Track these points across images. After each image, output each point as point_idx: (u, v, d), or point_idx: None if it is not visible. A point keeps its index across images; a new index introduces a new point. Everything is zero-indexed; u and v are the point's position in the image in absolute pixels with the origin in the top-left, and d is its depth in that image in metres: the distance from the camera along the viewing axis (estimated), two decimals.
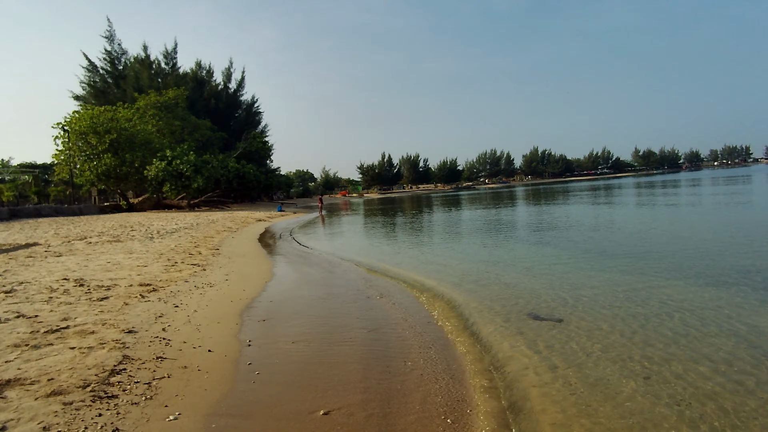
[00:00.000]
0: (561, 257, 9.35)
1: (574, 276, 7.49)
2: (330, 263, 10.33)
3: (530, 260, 9.26)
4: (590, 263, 8.49)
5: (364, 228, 22.09)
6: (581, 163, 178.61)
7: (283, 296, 6.95)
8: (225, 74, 73.82)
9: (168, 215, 31.89)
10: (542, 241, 12.25)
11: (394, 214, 31.55)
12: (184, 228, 19.03)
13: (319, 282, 7.99)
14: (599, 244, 10.94)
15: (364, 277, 8.28)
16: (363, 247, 14.03)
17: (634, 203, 24.92)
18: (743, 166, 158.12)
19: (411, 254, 11.40)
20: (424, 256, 10.63)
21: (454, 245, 12.77)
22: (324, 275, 8.76)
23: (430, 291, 7.06)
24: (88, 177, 41.15)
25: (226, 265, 9.61)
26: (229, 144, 64.08)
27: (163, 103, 52.83)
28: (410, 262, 10.20)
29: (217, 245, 13.49)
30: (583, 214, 19.92)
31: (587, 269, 7.97)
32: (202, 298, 6.45)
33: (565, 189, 57.44)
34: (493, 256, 10.28)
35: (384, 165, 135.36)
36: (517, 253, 10.35)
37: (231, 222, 25.20)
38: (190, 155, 43.21)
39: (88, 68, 61.86)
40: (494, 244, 12.38)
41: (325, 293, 7.05)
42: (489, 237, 14.24)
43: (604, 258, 8.98)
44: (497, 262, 9.27)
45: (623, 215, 18.51)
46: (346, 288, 7.41)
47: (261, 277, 8.50)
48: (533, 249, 10.85)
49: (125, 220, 25.35)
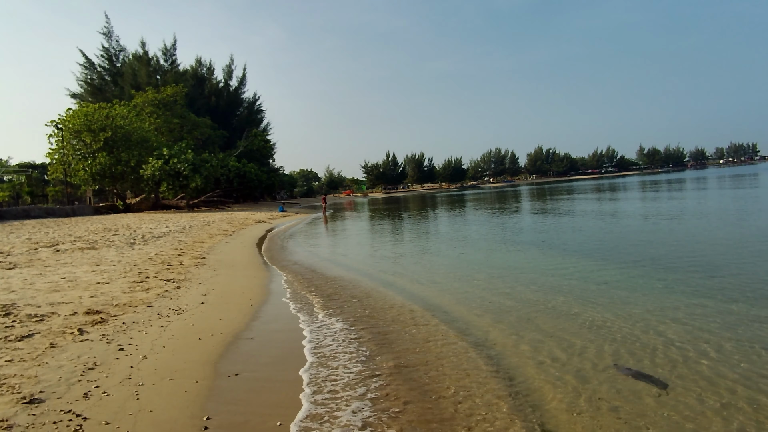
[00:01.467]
0: (627, 275, 7.68)
1: (657, 304, 5.83)
2: (341, 282, 8.72)
3: (584, 276, 7.62)
4: (673, 286, 6.82)
5: (370, 232, 20.48)
6: (586, 161, 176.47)
7: (274, 329, 5.35)
8: (226, 71, 72.41)
9: (163, 216, 30.38)
10: (592, 253, 10.55)
11: (401, 216, 29.90)
12: (175, 231, 17.47)
13: (330, 306, 6.38)
14: (671, 259, 9.22)
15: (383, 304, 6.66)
16: (370, 257, 12.39)
17: (666, 206, 23.21)
18: (750, 164, 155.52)
19: (427, 267, 9.77)
20: (447, 271, 8.98)
21: (479, 256, 11.11)
22: (333, 293, 7.14)
23: (471, 329, 5.41)
24: (82, 176, 39.69)
25: (208, 280, 8.01)
26: (231, 143, 62.59)
27: (161, 101, 51.37)
28: (426, 278, 8.57)
29: (205, 252, 11.91)
30: (617, 218, 18.26)
31: (668, 294, 6.31)
32: (162, 333, 4.84)
33: (574, 188, 55.68)
34: (532, 270, 8.63)
35: (388, 164, 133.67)
36: (562, 268, 8.68)
37: (228, 224, 23.64)
38: (188, 154, 41.68)
39: (86, 65, 60.56)
40: (528, 254, 10.72)
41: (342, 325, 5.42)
42: (517, 244, 12.58)
43: (688, 275, 7.29)
44: (537, 279, 7.62)
45: (671, 222, 16.81)
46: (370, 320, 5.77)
47: (248, 297, 6.89)
48: (583, 263, 9.18)
49: (115, 222, 23.83)
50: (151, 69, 62.35)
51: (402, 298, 6.71)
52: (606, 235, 12.66)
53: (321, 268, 10.11)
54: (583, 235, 13.14)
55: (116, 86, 61.28)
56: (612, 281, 7.09)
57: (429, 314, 5.75)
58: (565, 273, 7.96)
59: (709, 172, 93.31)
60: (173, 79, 59.62)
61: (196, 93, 65.61)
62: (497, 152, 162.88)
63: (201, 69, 70.72)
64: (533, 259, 9.85)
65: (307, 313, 6.01)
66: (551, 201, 32.41)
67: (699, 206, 19.74)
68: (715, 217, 15.03)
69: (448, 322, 5.38)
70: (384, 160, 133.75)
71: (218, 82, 72.21)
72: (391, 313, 5.90)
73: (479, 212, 26.22)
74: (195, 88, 66.11)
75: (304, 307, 6.39)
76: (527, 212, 23.64)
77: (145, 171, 40.11)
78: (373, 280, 8.33)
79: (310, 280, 8.49)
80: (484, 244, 12.79)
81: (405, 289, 7.45)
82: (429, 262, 10.25)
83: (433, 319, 5.56)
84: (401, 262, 10.48)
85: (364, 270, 9.67)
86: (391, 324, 5.37)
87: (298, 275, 9.12)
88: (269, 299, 6.92)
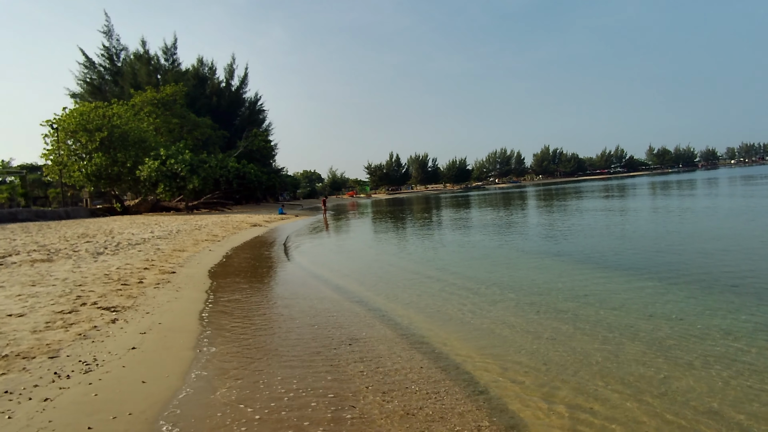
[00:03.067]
0: (700, 305, 5.98)
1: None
2: (333, 307, 7.07)
3: (643, 304, 5.92)
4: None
5: (375, 238, 18.83)
6: (594, 161, 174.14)
7: (230, 399, 3.70)
8: (227, 71, 71.11)
9: (156, 219, 28.90)
10: (638, 268, 8.86)
11: (407, 219, 28.23)
12: (158, 237, 15.92)
13: (312, 349, 4.73)
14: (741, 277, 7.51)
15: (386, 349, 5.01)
16: (377, 275, 10.70)
17: (692, 209, 21.37)
18: (762, 164, 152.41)
19: (447, 290, 8.10)
20: (468, 301, 7.25)
21: (500, 272, 9.43)
22: (320, 329, 5.50)
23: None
24: (77, 178, 38.38)
25: (161, 306, 6.39)
26: (232, 143, 61.19)
27: (161, 100, 50.08)
28: (446, 309, 6.91)
29: (179, 264, 10.31)
30: (650, 223, 16.50)
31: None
32: (39, 417, 3.19)
33: (584, 189, 53.75)
34: (571, 296, 6.94)
35: (392, 165, 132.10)
36: (609, 291, 6.98)
37: (220, 228, 22.10)
38: (186, 154, 40.29)
39: (85, 65, 59.42)
40: (559, 270, 9.03)
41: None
42: (542, 256, 10.87)
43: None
44: (583, 312, 5.94)
45: (714, 226, 15.04)
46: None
47: (199, 333, 5.26)
48: (635, 283, 7.48)
49: (101, 226, 22.35)
50: (152, 68, 61.13)
51: (409, 352, 5.04)
52: (647, 245, 10.93)
53: (308, 288, 8.47)
54: (619, 242, 11.41)
55: (116, 86, 60.15)
56: (688, 313, 5.40)
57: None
58: (619, 301, 6.27)
59: (720, 172, 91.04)
60: (174, 78, 58.35)
61: (198, 93, 64.34)
62: (503, 152, 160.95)
63: (203, 69, 69.48)
64: (567, 277, 8.16)
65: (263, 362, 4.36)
66: (563, 203, 30.59)
67: (735, 210, 17.92)
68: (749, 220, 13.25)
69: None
70: (387, 160, 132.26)
71: (220, 81, 70.98)
72: (406, 387, 4.23)
73: (488, 216, 24.49)
74: (196, 88, 64.85)
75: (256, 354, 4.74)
76: (541, 215, 21.89)
77: (142, 172, 38.74)
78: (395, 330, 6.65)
79: (294, 300, 6.84)
80: (501, 254, 11.10)
81: (411, 332, 5.75)
82: (444, 287, 8.57)
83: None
84: (408, 283, 8.83)
85: (371, 297, 8.01)
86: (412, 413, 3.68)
87: (282, 292, 7.47)
88: (220, 339, 5.28)
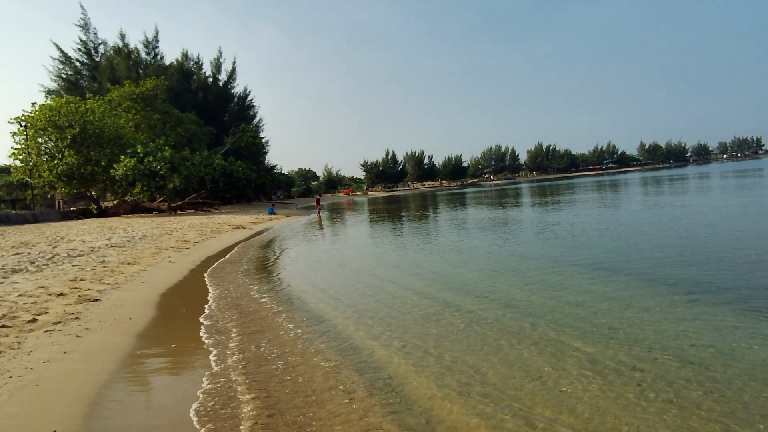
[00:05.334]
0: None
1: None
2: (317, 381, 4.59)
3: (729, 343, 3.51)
4: None
5: (373, 243, 16.37)
6: (586, 157, 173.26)
7: None
8: (214, 65, 67.98)
9: (129, 222, 26.18)
10: (691, 286, 6.48)
11: (405, 219, 25.77)
12: (112, 245, 13.31)
13: None
14: None
15: None
16: (377, 300, 8.17)
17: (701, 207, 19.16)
18: (755, 159, 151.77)
19: (478, 330, 5.67)
20: (526, 357, 4.86)
21: (521, 295, 7.03)
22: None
23: None
24: (47, 178, 35.46)
25: (25, 375, 3.89)
26: (221, 140, 58.28)
27: (140, 95, 47.13)
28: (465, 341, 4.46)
29: (115, 285, 7.77)
30: (669, 223, 14.21)
31: None
32: None
33: (579, 185, 51.71)
34: (624, 334, 4.53)
35: (388, 162, 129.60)
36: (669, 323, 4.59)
37: (196, 232, 19.50)
38: (166, 151, 37.45)
39: (61, 60, 56.25)
40: (590, 289, 6.64)
41: None
42: (564, 266, 8.48)
43: None
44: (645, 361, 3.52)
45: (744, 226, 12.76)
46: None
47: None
48: (701, 308, 5.11)
49: (57, 231, 19.65)
50: (132, 63, 58.02)
51: None
52: (684, 251, 8.58)
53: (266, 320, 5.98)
54: (651, 250, 9.03)
55: (95, 81, 57.07)
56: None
57: None
58: (690, 338, 3.88)
59: (712, 167, 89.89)
60: (155, 72, 55.31)
61: (182, 88, 61.35)
62: (497, 149, 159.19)
63: (188, 63, 66.32)
64: (603, 299, 5.79)
65: None
66: (563, 200, 28.27)
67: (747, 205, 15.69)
68: None
69: None
70: (383, 158, 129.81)
71: (207, 76, 67.94)
72: None
73: (490, 213, 22.10)
74: (181, 83, 61.86)
75: None
76: (546, 214, 19.50)
77: (117, 171, 35.89)
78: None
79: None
80: (531, 267, 8.68)
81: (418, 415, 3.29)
82: (471, 323, 6.12)
83: None
84: (423, 317, 6.38)
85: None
86: None
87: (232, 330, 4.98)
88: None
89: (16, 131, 36.35)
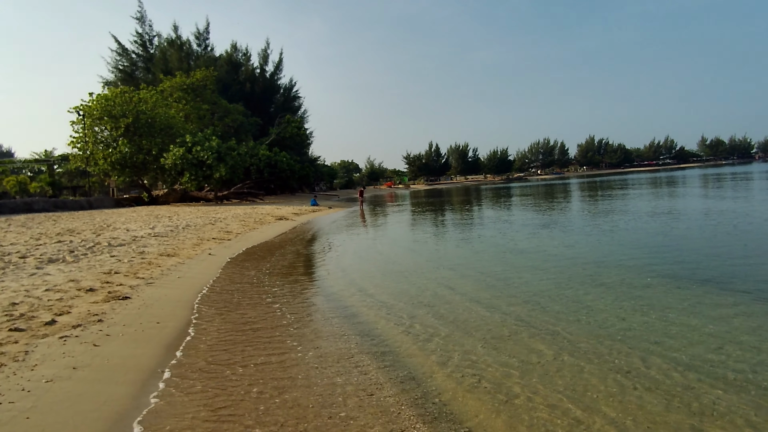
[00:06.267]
0: None
1: None
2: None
3: None
4: None
5: (423, 239, 15.31)
6: (641, 152, 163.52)
7: None
8: (261, 56, 68.67)
9: (176, 210, 26.46)
10: None
11: (455, 213, 24.46)
12: (155, 235, 12.99)
13: None
14: None
15: None
16: (438, 314, 7.10)
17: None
18: None
19: (577, 364, 4.51)
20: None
21: (662, 332, 5.74)
22: None
23: None
24: (102, 166, 36.73)
25: (43, 387, 3.14)
26: (266, 131, 58.88)
27: (190, 86, 48.07)
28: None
29: (149, 281, 7.15)
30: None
31: None
32: None
33: (632, 181, 48.01)
34: None
35: (431, 155, 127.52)
36: None
37: (239, 222, 19.16)
38: (213, 141, 37.86)
39: (118, 51, 58.46)
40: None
41: None
42: (676, 283, 7.06)
43: None
44: None
45: None
46: None
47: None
48: None
49: (106, 218, 19.89)
50: (183, 54, 59.46)
51: None
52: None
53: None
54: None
55: (149, 73, 58.98)
56: None
57: None
58: None
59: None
60: (205, 64, 56.40)
61: (230, 79, 62.34)
62: (545, 143, 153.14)
63: (236, 54, 67.36)
64: (731, 328, 4.38)
65: None
66: (623, 195, 25.88)
67: None
68: None
69: None
70: (427, 150, 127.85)
71: (254, 68, 68.76)
72: None
73: (543, 209, 20.39)
74: (229, 74, 62.88)
75: None
76: (613, 213, 17.59)
77: (166, 160, 36.66)
78: None
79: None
80: (621, 278, 7.32)
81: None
82: (560, 352, 4.95)
83: None
84: (497, 339, 5.27)
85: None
86: None
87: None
88: None
89: (75, 120, 37.79)
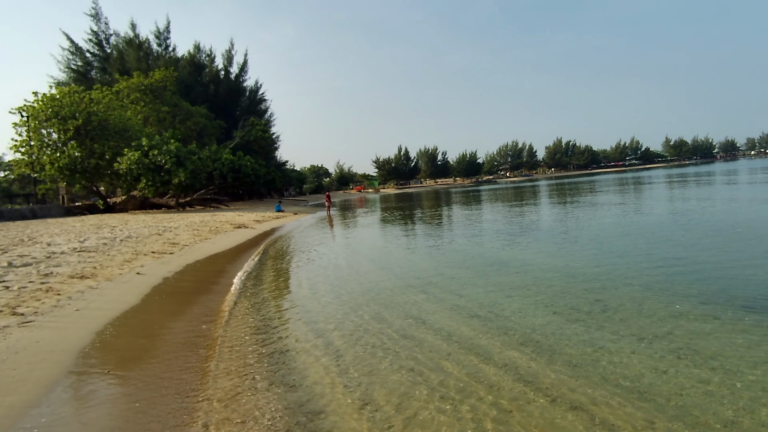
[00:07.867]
0: None
1: None
2: None
3: None
4: None
5: (394, 250, 14.17)
6: (608, 154, 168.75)
7: None
8: (225, 57, 66.40)
9: (126, 218, 24.39)
10: None
11: (425, 219, 23.44)
12: (84, 250, 11.34)
13: None
14: None
15: None
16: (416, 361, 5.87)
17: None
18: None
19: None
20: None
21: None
22: None
23: None
24: (49, 172, 34.01)
25: None
26: (232, 135, 56.68)
27: (149, 86, 45.60)
28: None
29: (27, 315, 5.71)
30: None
31: None
32: None
33: (599, 182, 48.55)
34: None
35: (401, 159, 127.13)
36: None
37: (192, 231, 17.53)
38: (171, 144, 35.75)
39: (71, 50, 55.13)
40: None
41: None
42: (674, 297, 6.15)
43: None
44: None
45: None
46: None
47: None
48: None
49: (38, 230, 17.86)
50: (142, 54, 56.66)
51: None
52: None
53: None
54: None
55: (105, 73, 55.91)
56: None
57: None
58: None
59: (740, 164, 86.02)
60: (166, 64, 53.84)
61: (193, 81, 59.88)
62: (514, 145, 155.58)
63: (199, 55, 64.90)
64: None
65: None
66: (593, 198, 25.60)
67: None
68: None
69: None
70: (396, 154, 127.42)
71: (218, 70, 66.39)
72: None
73: (518, 214, 19.66)
74: (192, 76, 60.41)
75: None
76: (596, 215, 16.96)
77: (121, 164, 34.30)
78: None
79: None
80: (605, 300, 6.35)
81: None
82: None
83: None
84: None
85: None
86: None
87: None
88: None
89: (18, 122, 34.96)
